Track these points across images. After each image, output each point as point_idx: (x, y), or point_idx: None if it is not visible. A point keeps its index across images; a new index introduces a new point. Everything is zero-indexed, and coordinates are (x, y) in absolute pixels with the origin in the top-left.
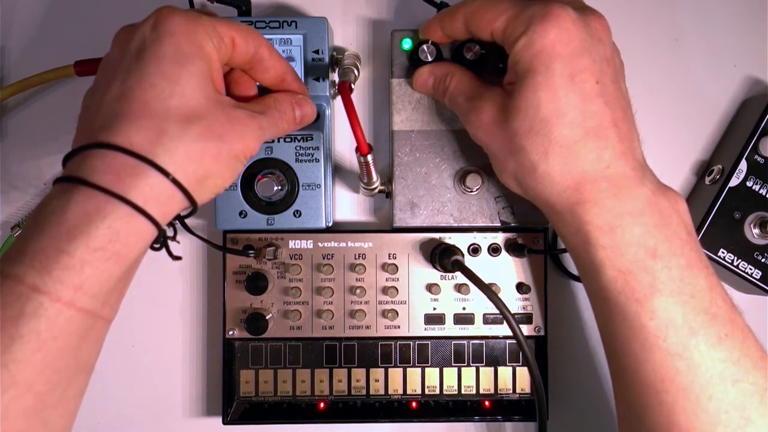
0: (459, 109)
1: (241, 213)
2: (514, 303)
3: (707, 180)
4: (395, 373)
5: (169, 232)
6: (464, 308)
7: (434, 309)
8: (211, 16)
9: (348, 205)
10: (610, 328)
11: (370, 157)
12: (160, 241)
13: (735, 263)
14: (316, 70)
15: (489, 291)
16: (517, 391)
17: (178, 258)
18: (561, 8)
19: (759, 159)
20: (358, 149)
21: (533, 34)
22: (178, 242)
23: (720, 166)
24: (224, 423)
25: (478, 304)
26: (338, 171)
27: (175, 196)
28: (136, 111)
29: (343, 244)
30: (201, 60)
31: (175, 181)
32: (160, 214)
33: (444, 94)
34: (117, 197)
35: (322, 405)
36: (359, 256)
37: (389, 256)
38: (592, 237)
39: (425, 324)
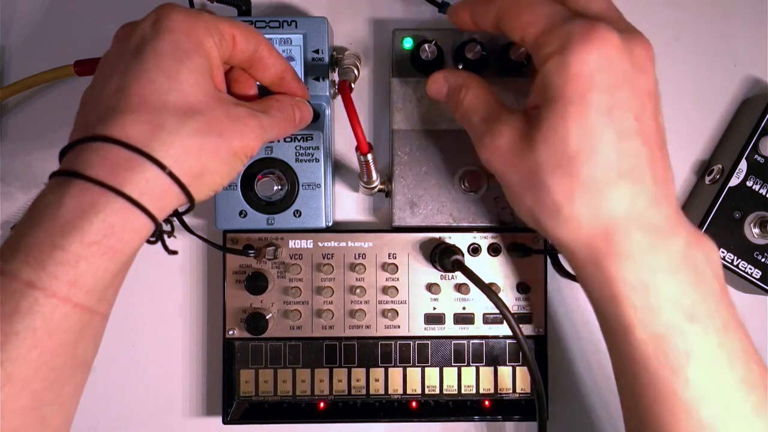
0: (472, 130)
1: (241, 213)
2: (514, 303)
3: (707, 180)
4: (395, 373)
5: (166, 227)
6: (464, 308)
7: (434, 309)
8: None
9: (348, 204)
10: (633, 388)
11: (370, 156)
12: (156, 235)
13: (735, 263)
14: (316, 69)
15: (489, 291)
16: (517, 391)
17: (174, 252)
18: (606, 30)
19: (759, 159)
20: (358, 148)
21: (570, 55)
22: (175, 237)
23: (720, 166)
24: (224, 423)
25: (478, 303)
26: (338, 170)
27: (172, 190)
28: (133, 105)
29: (343, 244)
30: (201, 56)
31: (171, 175)
32: (157, 208)
33: (457, 109)
34: (112, 190)
35: (322, 405)
36: (359, 256)
37: (389, 256)
38: (622, 294)
39: (425, 324)
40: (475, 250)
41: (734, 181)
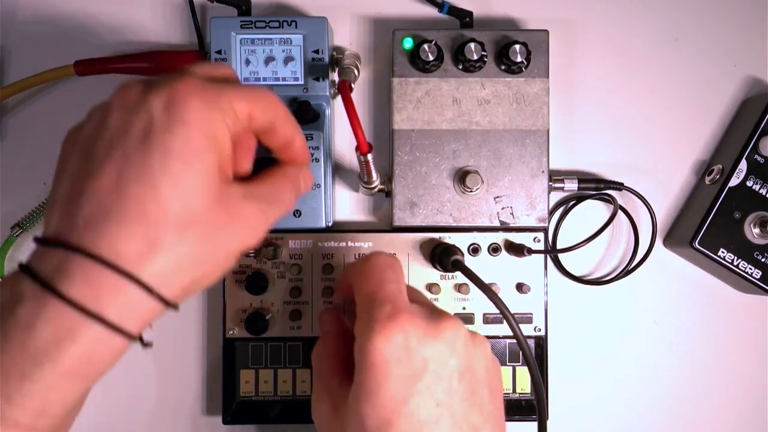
0: (314, 374)
1: None
2: (514, 303)
3: (707, 180)
4: None
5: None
6: (464, 308)
7: None
8: (229, 82)
9: (348, 204)
10: None
11: (370, 156)
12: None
13: (735, 263)
14: (316, 69)
15: (489, 291)
16: (517, 391)
17: (148, 345)
18: (408, 318)
19: (759, 159)
20: (358, 148)
21: (367, 342)
22: (150, 326)
23: (720, 166)
24: (224, 423)
25: (478, 304)
26: (338, 170)
27: (157, 308)
28: (129, 213)
29: (343, 244)
30: (212, 153)
31: (158, 297)
32: (138, 325)
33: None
34: (93, 317)
35: None
36: (359, 256)
37: None
38: None
39: None
40: (475, 250)
41: (734, 181)
